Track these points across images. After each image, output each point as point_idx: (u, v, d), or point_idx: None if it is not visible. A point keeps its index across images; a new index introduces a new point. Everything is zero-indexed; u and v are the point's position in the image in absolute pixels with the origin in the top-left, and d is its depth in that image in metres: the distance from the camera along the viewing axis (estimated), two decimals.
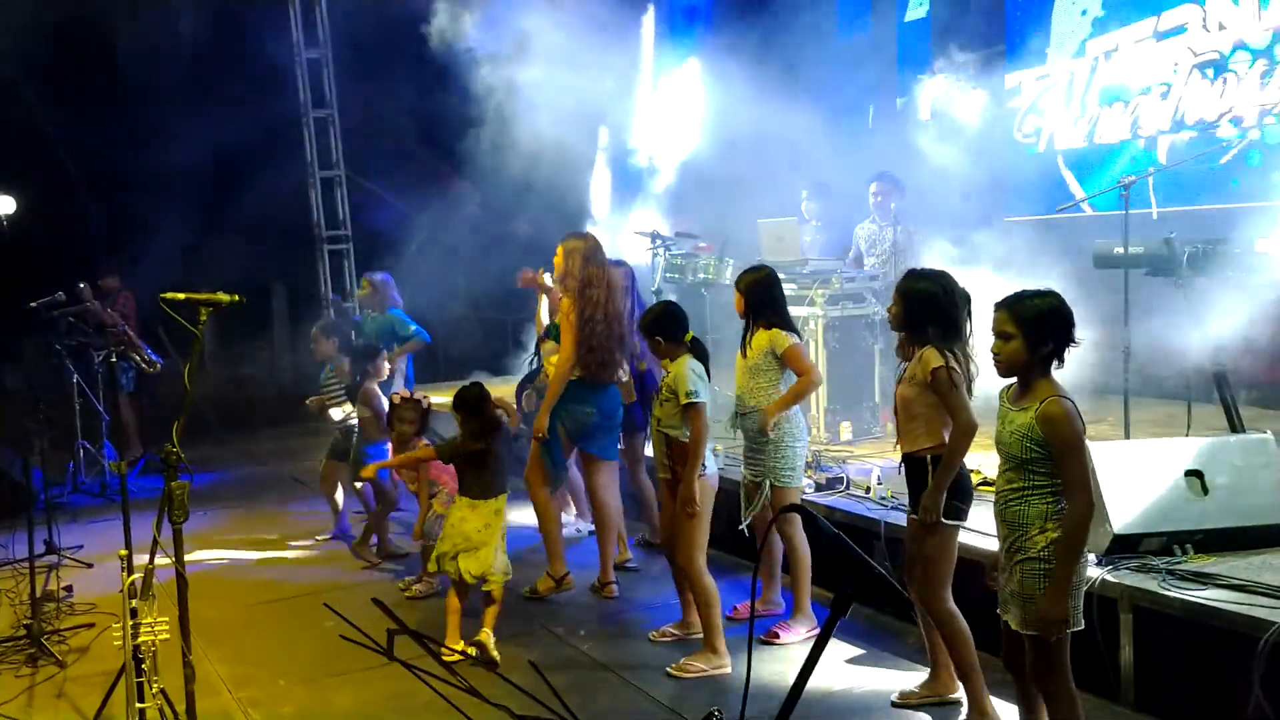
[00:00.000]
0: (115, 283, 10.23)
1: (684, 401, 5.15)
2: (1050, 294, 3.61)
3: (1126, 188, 6.01)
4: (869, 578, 2.14)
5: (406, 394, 6.71)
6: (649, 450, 6.02)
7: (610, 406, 6.28)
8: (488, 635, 5.38)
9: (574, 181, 10.94)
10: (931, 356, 4.25)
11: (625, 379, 6.41)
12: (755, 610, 5.67)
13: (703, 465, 5.19)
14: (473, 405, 5.51)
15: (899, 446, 4.50)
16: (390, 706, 4.97)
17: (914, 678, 4.86)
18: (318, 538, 7.73)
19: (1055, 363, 3.58)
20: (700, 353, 5.36)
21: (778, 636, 5.41)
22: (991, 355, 3.66)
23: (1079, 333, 3.59)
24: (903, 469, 4.50)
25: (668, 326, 5.30)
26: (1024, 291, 3.63)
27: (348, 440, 7.34)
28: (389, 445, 6.70)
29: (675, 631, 5.57)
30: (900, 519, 5.42)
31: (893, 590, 2.19)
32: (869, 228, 8.45)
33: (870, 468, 6.48)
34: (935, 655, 4.63)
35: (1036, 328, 3.52)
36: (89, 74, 11.06)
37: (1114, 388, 6.21)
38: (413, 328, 8.16)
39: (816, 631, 5.43)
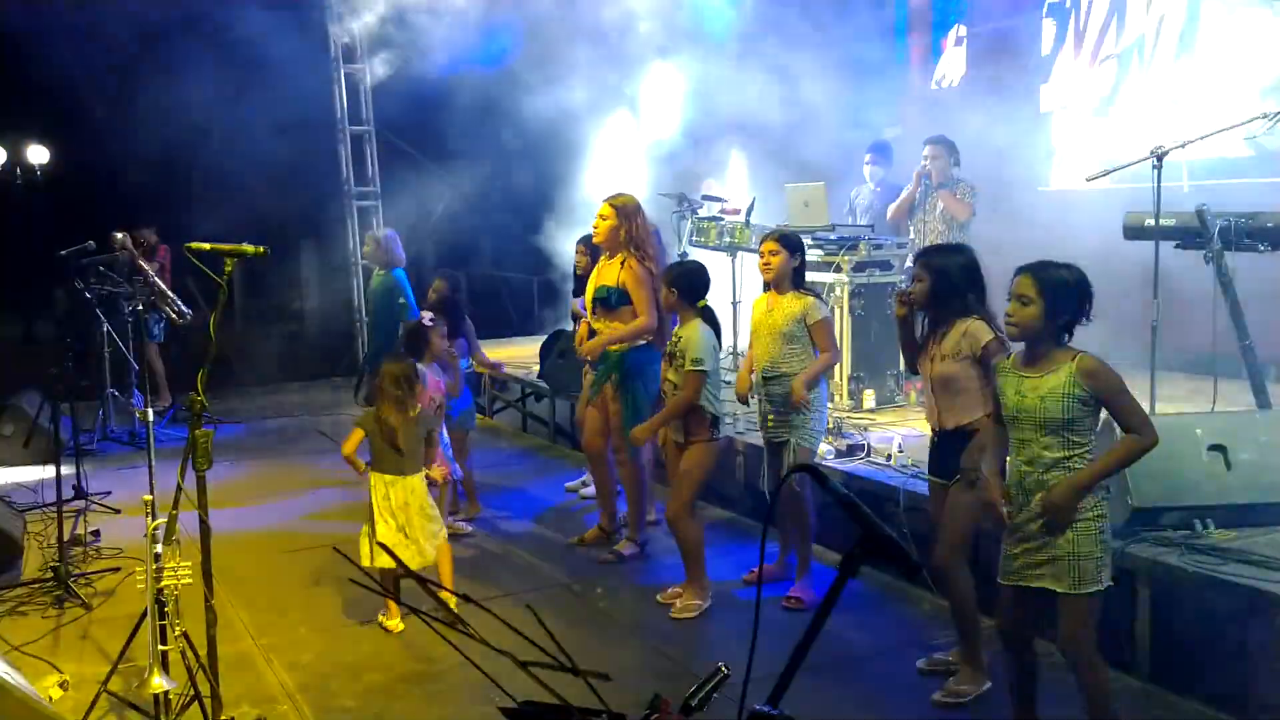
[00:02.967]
0: (153, 236, 10.32)
1: (689, 368, 5.18)
2: (1073, 267, 3.68)
3: (1159, 158, 5.91)
4: (878, 539, 2.14)
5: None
6: None
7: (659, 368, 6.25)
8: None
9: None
10: (980, 330, 4.23)
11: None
12: (764, 571, 5.70)
13: (714, 429, 5.21)
14: (404, 380, 5.33)
15: (939, 423, 4.42)
16: (406, 655, 5.06)
17: (920, 640, 4.90)
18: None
19: (1069, 334, 3.65)
20: (711, 320, 5.36)
21: (801, 602, 5.42)
22: (1005, 318, 3.72)
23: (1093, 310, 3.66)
24: (937, 440, 4.47)
25: (689, 284, 5.31)
26: (1047, 261, 3.69)
27: None
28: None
29: (680, 591, 5.61)
30: (921, 487, 5.42)
31: (902, 553, 2.19)
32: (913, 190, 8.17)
33: (892, 436, 6.47)
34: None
35: (1057, 296, 3.59)
36: (120, 26, 11.07)
37: (1140, 362, 6.14)
38: (403, 300, 8.08)
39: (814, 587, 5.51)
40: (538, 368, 8.91)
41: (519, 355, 10.15)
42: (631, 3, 10.61)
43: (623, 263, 5.99)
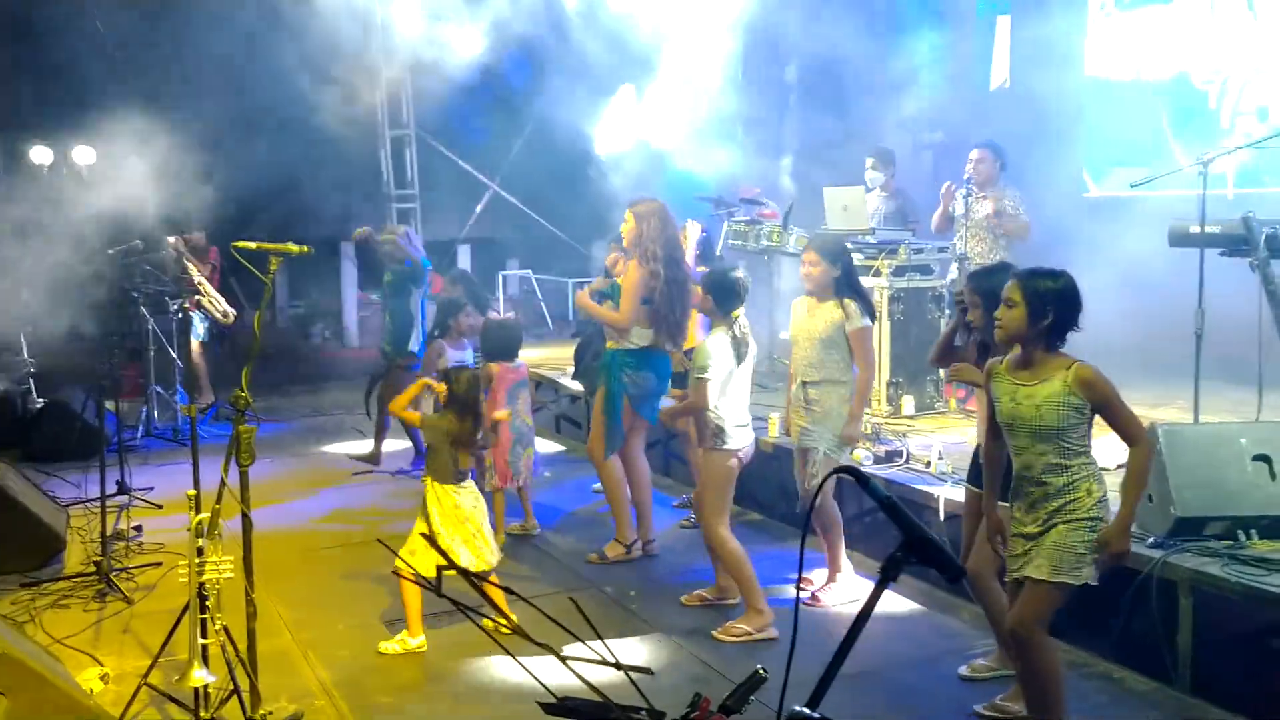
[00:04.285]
0: (202, 238, 10.46)
1: (694, 374, 5.18)
2: (1061, 275, 3.75)
3: (1205, 165, 5.84)
4: (920, 543, 2.13)
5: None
6: None
7: (665, 372, 6.29)
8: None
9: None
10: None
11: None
12: (806, 580, 5.69)
13: (719, 437, 5.17)
14: (466, 389, 5.23)
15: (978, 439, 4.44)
16: (442, 653, 5.08)
17: (962, 649, 4.86)
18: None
19: (1059, 341, 3.72)
20: (740, 331, 5.32)
21: (818, 600, 5.42)
22: (995, 320, 3.81)
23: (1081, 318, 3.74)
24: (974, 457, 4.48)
25: (723, 292, 5.25)
26: (1038, 268, 3.79)
27: None
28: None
29: (707, 596, 5.60)
30: (961, 494, 5.38)
31: (945, 557, 2.18)
32: (960, 198, 8.17)
33: (931, 442, 6.43)
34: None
35: (1040, 301, 3.67)
36: (163, 31, 11.28)
37: (1184, 370, 6.07)
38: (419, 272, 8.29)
39: (854, 590, 5.50)
40: (572, 369, 8.93)
41: (554, 357, 10.18)
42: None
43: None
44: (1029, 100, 9.55)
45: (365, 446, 8.93)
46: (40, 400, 9.71)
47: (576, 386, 8.91)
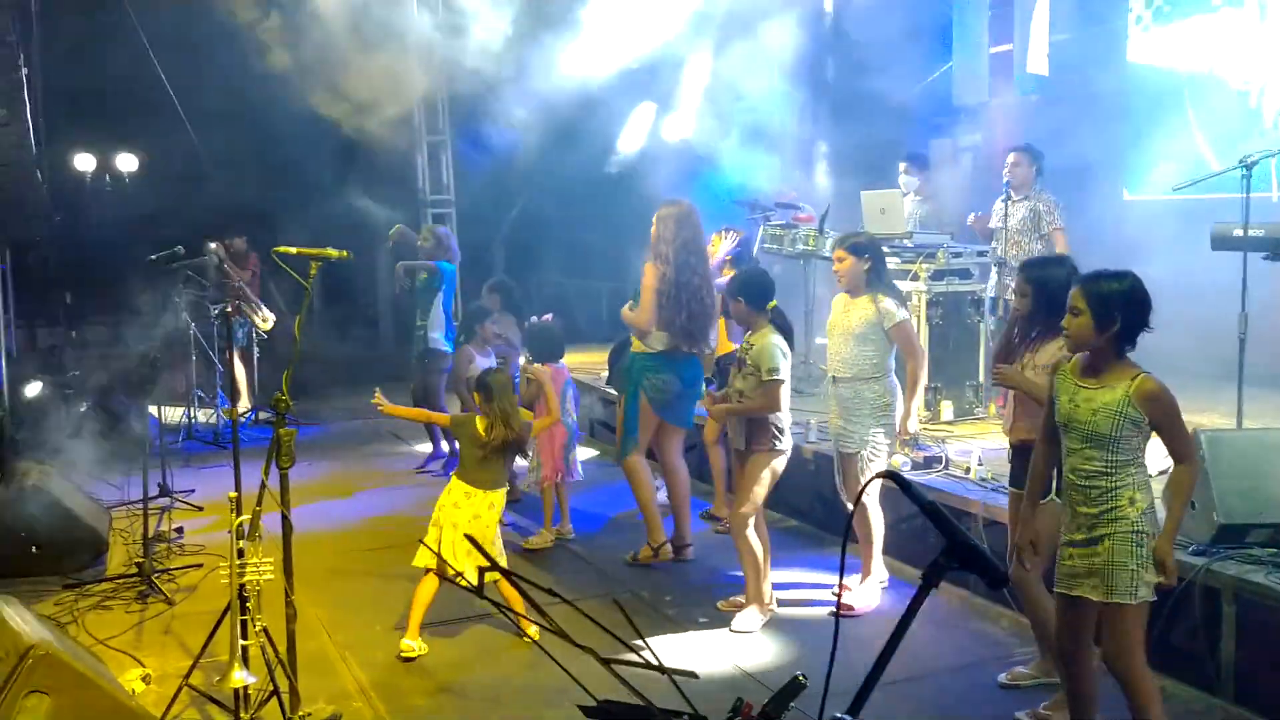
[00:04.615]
0: (243, 243, 10.57)
1: (765, 378, 5.13)
2: (1126, 276, 3.63)
3: (1249, 168, 5.76)
4: (963, 549, 2.11)
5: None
6: None
7: (692, 376, 6.26)
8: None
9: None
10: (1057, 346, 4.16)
11: (706, 351, 6.38)
12: (845, 587, 5.65)
13: (777, 439, 5.17)
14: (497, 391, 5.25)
15: (1010, 433, 4.45)
16: (478, 656, 5.11)
17: (1002, 656, 4.81)
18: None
19: (1129, 345, 3.62)
20: (782, 324, 5.31)
21: (852, 609, 5.39)
22: (1062, 329, 3.72)
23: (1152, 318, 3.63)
24: (1012, 453, 4.45)
25: (753, 291, 5.27)
26: (1101, 271, 3.67)
27: None
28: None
29: (743, 601, 5.58)
30: (1000, 500, 5.34)
31: (987, 563, 2.16)
32: (999, 203, 8.17)
33: (970, 448, 6.37)
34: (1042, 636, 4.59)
35: (1105, 306, 3.56)
36: (204, 36, 11.40)
37: (1227, 375, 5.99)
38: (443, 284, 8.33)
39: (885, 591, 5.48)
40: (606, 374, 8.94)
41: (588, 361, 10.19)
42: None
43: None
44: (1068, 103, 9.46)
45: (401, 449, 8.99)
46: (83, 403, 9.84)
47: (611, 391, 8.92)
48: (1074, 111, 9.19)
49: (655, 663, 1.57)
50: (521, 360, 7.27)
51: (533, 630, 4.85)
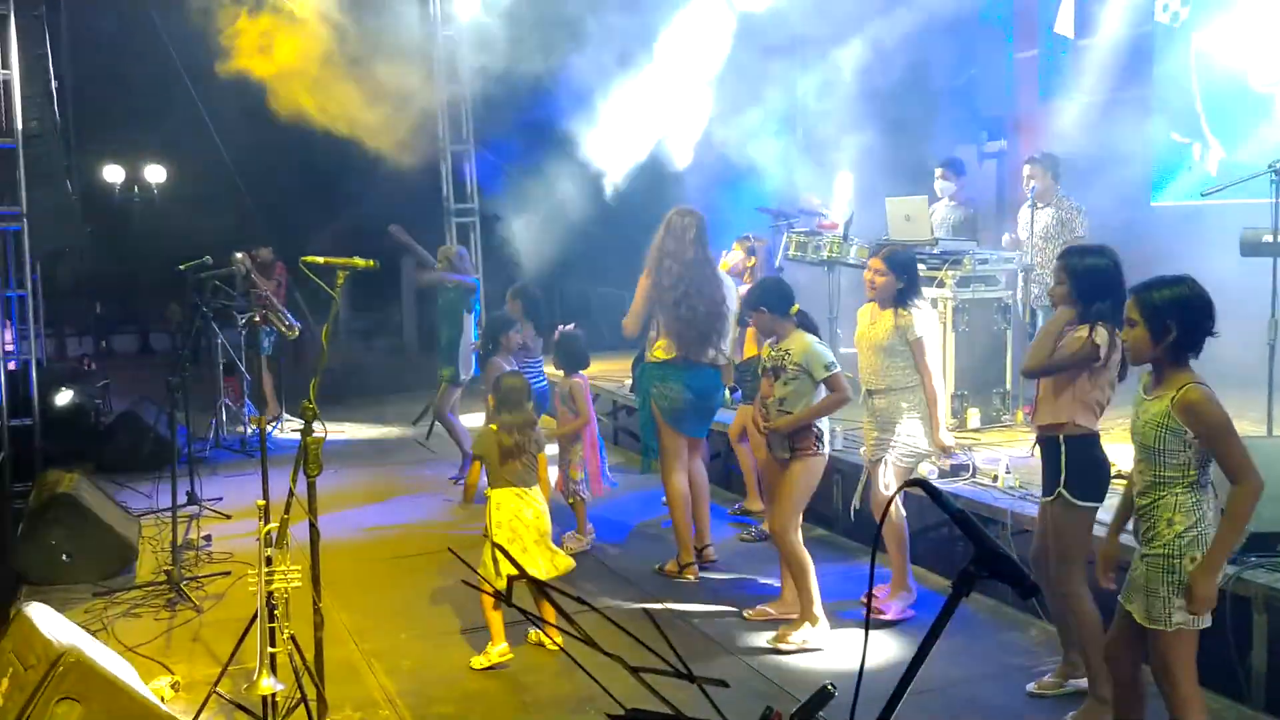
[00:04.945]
0: (269, 254, 10.66)
1: (823, 375, 5.11)
2: (1181, 282, 3.49)
3: (1278, 172, 5.71)
4: (993, 557, 2.09)
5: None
6: None
7: (702, 386, 6.15)
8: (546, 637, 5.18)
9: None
10: (1099, 336, 4.14)
11: (724, 361, 6.33)
12: (873, 594, 5.62)
13: (819, 443, 5.17)
14: (514, 399, 5.28)
15: (1034, 417, 4.44)
16: (508, 665, 5.10)
17: (1030, 666, 4.78)
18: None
19: (1191, 352, 3.47)
20: (809, 325, 5.30)
21: (882, 613, 5.37)
22: (1114, 330, 3.66)
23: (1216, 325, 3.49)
24: (1037, 450, 4.42)
25: (772, 299, 5.25)
26: (1155, 278, 3.54)
27: None
28: None
29: (771, 610, 5.56)
30: (1028, 509, 5.31)
31: (1018, 572, 2.14)
32: (1025, 211, 8.10)
33: (998, 456, 6.33)
34: (1069, 644, 4.56)
35: (1158, 316, 3.44)
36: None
37: (1257, 382, 5.93)
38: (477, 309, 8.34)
39: (913, 606, 5.41)
40: (630, 381, 8.93)
41: (611, 369, 10.20)
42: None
43: None
44: (1094, 106, 9.39)
45: (426, 458, 9.03)
46: (113, 412, 9.95)
47: (634, 399, 8.92)
48: (1100, 113, 9.12)
49: (685, 671, 1.57)
50: (548, 369, 7.29)
51: (556, 638, 4.87)
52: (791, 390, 5.19)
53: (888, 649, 5.01)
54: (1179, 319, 3.43)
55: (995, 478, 5.94)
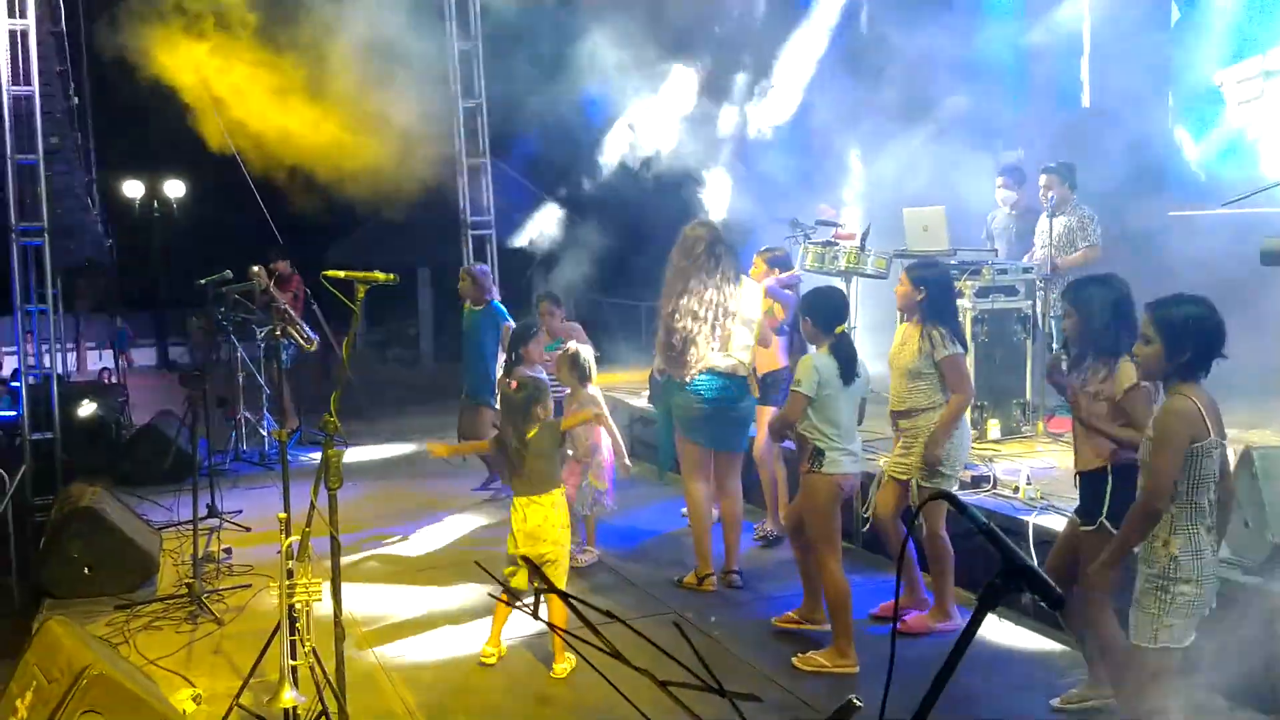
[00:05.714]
0: (287, 266, 10.71)
1: (791, 387, 5.10)
2: (1200, 303, 3.51)
3: None
4: (1020, 570, 2.08)
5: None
6: None
7: (722, 397, 6.05)
8: (563, 669, 5.16)
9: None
10: (1126, 372, 4.08)
11: (744, 372, 6.29)
12: (899, 607, 5.59)
13: (817, 460, 5.10)
14: (520, 405, 5.29)
15: (1075, 463, 4.34)
16: (529, 674, 5.10)
17: (1053, 680, 4.74)
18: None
19: (1202, 372, 3.51)
20: (845, 350, 5.22)
21: (905, 623, 5.33)
22: (1132, 356, 3.65)
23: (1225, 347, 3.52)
24: (1079, 480, 4.35)
25: (819, 312, 5.22)
26: (1173, 296, 3.55)
27: None
28: None
29: (794, 617, 5.55)
30: (1052, 523, 5.28)
31: (1045, 584, 2.13)
32: (1043, 220, 8.04)
33: (1018, 468, 6.29)
34: (1092, 659, 4.53)
35: (1176, 336, 3.46)
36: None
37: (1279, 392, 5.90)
38: (504, 323, 8.22)
39: (954, 627, 5.35)
40: (648, 393, 8.92)
41: (627, 380, 10.20)
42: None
43: None
44: (1110, 117, 9.36)
45: (444, 469, 9.02)
46: (133, 426, 10.01)
47: (651, 409, 8.90)
48: (1117, 124, 9.09)
49: (716, 685, 1.56)
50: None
51: (564, 665, 4.90)
52: None
53: (915, 662, 4.98)
54: (1195, 340, 3.46)
55: (1016, 489, 5.91)
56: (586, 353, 6.76)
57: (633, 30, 10.87)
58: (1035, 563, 4.92)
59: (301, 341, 9.15)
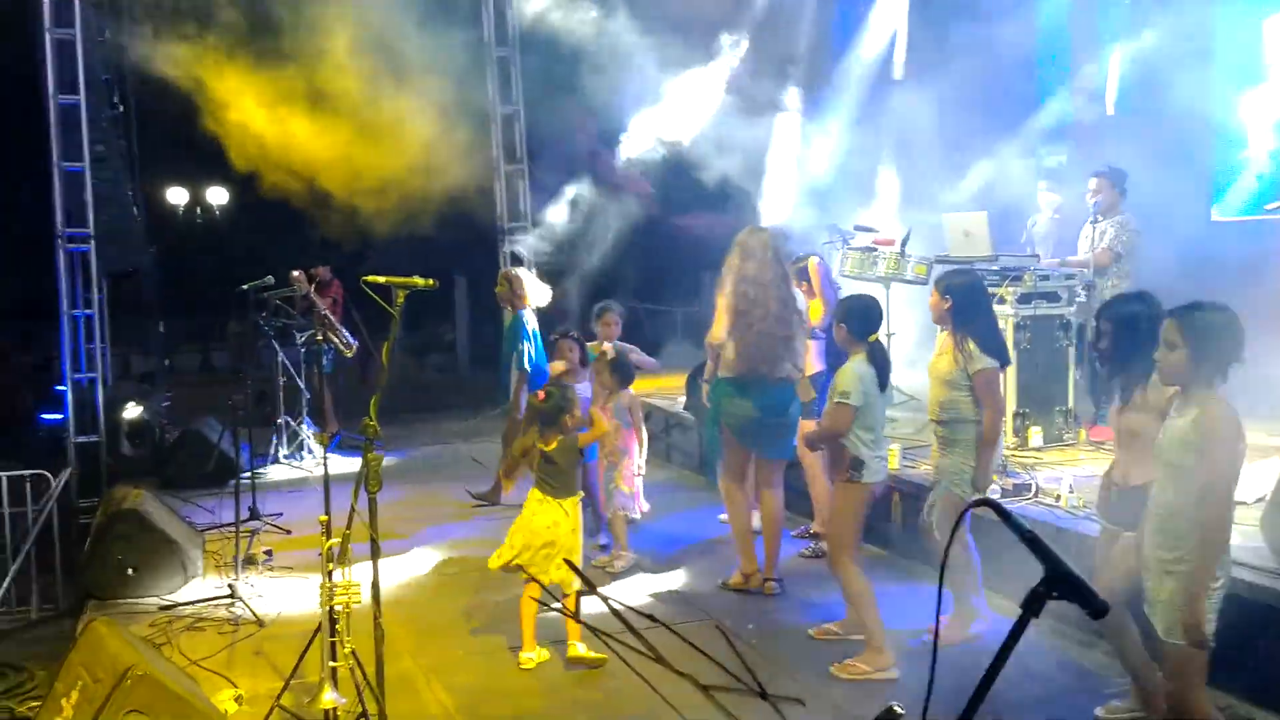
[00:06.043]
0: (327, 272, 10.82)
1: (834, 399, 5.09)
2: (1224, 309, 3.56)
3: None
4: (1063, 578, 2.06)
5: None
6: None
7: (771, 403, 6.07)
8: (575, 649, 5.25)
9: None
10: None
11: (799, 376, 6.30)
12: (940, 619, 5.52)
13: (855, 470, 5.09)
14: (547, 415, 5.37)
15: (1121, 477, 4.26)
16: (561, 680, 5.11)
17: (1096, 689, 4.68)
18: None
19: (1221, 379, 3.54)
20: (879, 357, 5.21)
21: (941, 638, 5.27)
22: (1155, 362, 3.64)
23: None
24: (1117, 495, 4.29)
25: (855, 319, 5.21)
26: (1197, 303, 3.59)
27: None
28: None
29: (836, 629, 5.51)
30: (1093, 529, 5.21)
31: (1088, 592, 2.10)
32: (1087, 226, 7.95)
33: (1060, 476, 6.21)
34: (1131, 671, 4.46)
35: (1202, 341, 3.49)
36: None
37: None
38: (523, 347, 8.01)
39: (978, 631, 5.30)
40: (684, 399, 8.93)
41: (663, 387, 10.19)
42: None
43: None
44: (1151, 120, 9.24)
45: (480, 474, 9.07)
46: (176, 429, 10.14)
47: (688, 415, 8.90)
48: (1158, 128, 8.98)
49: (759, 689, 1.56)
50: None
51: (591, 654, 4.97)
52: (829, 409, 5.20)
53: (956, 670, 4.92)
54: (1220, 346, 3.49)
55: (1058, 497, 5.85)
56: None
57: (666, 28, 10.89)
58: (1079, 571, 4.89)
59: (341, 346, 9.23)
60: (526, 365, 7.87)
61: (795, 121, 11.07)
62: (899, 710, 2.02)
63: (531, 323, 8.03)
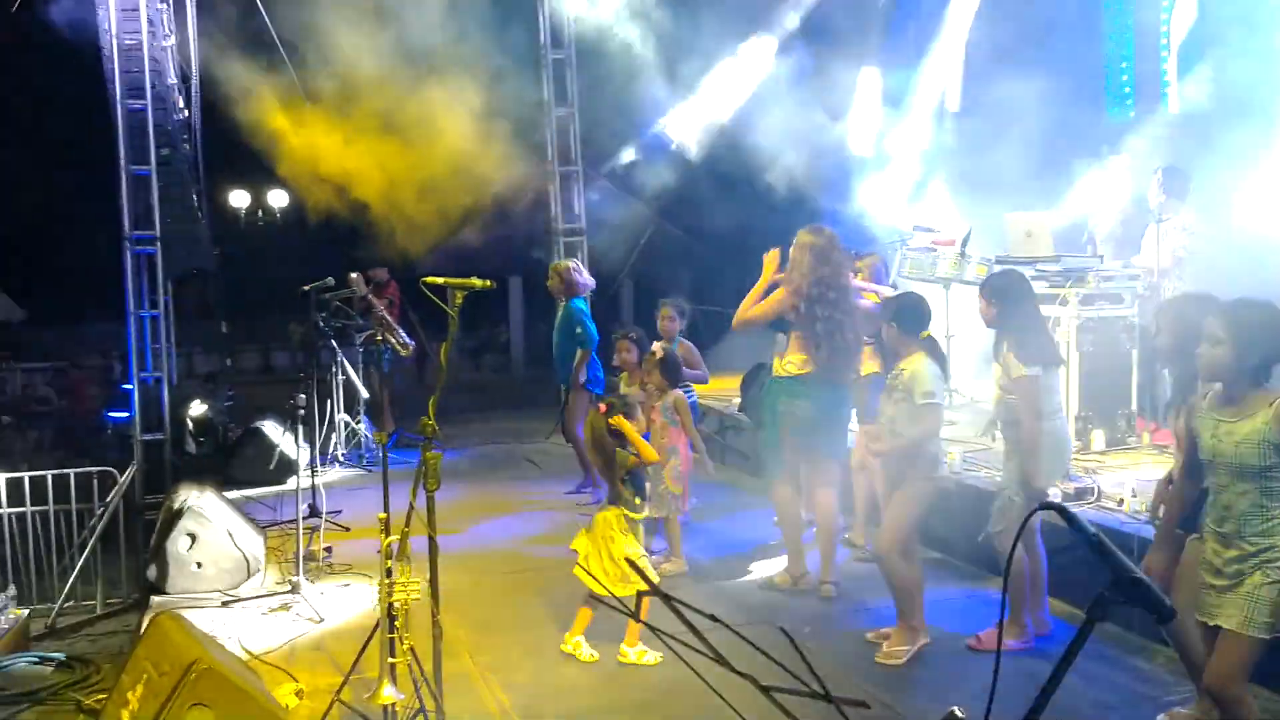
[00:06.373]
0: (384, 274, 10.96)
1: (921, 401, 5.02)
2: (1269, 306, 3.53)
3: None
4: (1129, 583, 2.03)
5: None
6: None
7: (831, 404, 6.06)
8: (626, 654, 5.27)
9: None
10: None
11: (854, 377, 6.24)
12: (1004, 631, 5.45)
13: (932, 467, 5.06)
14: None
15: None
16: (616, 680, 5.11)
17: (1158, 696, 4.60)
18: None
19: (1266, 377, 3.53)
20: (935, 353, 5.19)
21: (979, 640, 5.23)
22: (1197, 357, 3.62)
23: None
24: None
25: (906, 317, 5.18)
26: (1240, 300, 3.57)
27: None
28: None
29: (890, 633, 5.45)
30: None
31: (1154, 597, 2.07)
32: (1151, 228, 7.81)
33: (1123, 480, 6.10)
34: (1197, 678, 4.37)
35: (1247, 338, 3.47)
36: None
37: None
38: (579, 329, 8.25)
39: (1024, 645, 5.19)
40: (738, 400, 8.90)
41: (717, 388, 10.15)
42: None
43: None
44: (1214, 119, 9.04)
45: (535, 474, 9.12)
46: (239, 428, 10.31)
47: (742, 417, 8.87)
48: (1222, 126, 8.78)
49: (822, 691, 1.55)
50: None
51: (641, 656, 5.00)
52: (899, 411, 5.12)
53: (1017, 674, 4.86)
54: (1266, 343, 3.48)
55: (1121, 501, 5.75)
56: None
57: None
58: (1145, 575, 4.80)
59: (398, 346, 9.34)
60: (589, 345, 8.21)
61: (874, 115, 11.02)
62: (960, 715, 2.00)
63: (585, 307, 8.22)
